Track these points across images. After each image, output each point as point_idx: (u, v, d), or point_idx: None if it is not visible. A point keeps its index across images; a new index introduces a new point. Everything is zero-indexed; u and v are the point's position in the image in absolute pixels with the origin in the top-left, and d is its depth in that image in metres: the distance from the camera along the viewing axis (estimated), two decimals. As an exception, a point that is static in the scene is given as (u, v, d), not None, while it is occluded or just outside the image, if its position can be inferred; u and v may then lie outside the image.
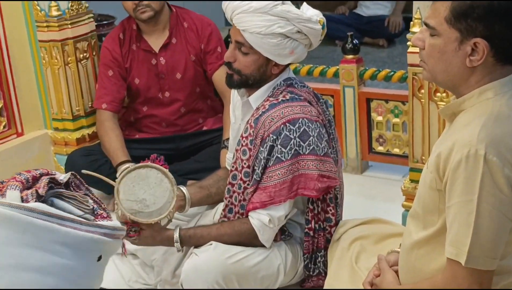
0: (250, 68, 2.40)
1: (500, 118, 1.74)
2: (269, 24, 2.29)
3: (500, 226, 1.71)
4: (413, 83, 2.95)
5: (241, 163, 2.42)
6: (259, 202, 2.35)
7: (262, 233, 2.39)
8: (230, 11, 2.36)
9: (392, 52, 6.34)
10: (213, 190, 2.66)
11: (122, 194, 2.31)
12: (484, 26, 1.72)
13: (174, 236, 2.40)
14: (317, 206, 2.46)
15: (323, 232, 2.49)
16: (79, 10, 3.82)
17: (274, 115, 2.34)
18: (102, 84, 3.58)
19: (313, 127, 2.35)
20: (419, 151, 3.03)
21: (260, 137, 2.35)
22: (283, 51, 2.34)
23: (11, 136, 3.88)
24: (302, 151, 2.34)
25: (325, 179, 2.38)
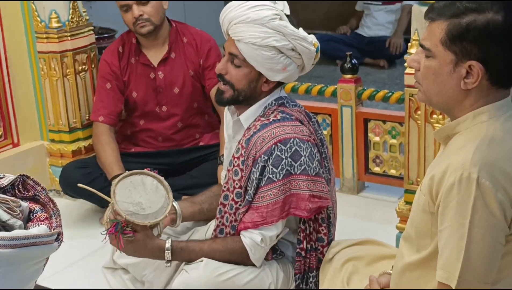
0: (241, 82, 2.39)
1: (494, 141, 1.73)
2: (265, 36, 2.29)
3: (492, 251, 1.70)
4: (409, 104, 2.96)
5: (232, 183, 2.41)
6: (251, 222, 2.34)
7: (253, 252, 2.38)
8: (228, 21, 2.36)
9: (393, 73, 6.36)
10: (205, 206, 2.65)
11: (119, 196, 2.31)
12: (479, 49, 1.71)
13: (166, 245, 2.38)
14: (309, 226, 2.44)
15: (315, 252, 2.47)
16: (80, 22, 3.84)
17: (266, 135, 2.33)
18: (100, 97, 3.58)
19: (305, 147, 2.35)
20: (414, 172, 3.02)
21: (252, 158, 2.34)
22: (275, 66, 2.34)
23: (7, 146, 3.88)
24: (293, 171, 2.33)
25: (316, 199, 2.37)
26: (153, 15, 3.40)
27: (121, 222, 2.31)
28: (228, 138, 2.58)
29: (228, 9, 2.36)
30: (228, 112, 2.57)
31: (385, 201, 3.70)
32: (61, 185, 3.66)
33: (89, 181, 3.41)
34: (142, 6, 3.39)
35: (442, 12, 1.76)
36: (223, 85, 2.42)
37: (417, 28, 2.82)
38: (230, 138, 2.56)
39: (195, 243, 2.44)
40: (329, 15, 7.50)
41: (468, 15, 1.72)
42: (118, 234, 2.32)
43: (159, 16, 3.43)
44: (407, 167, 3.05)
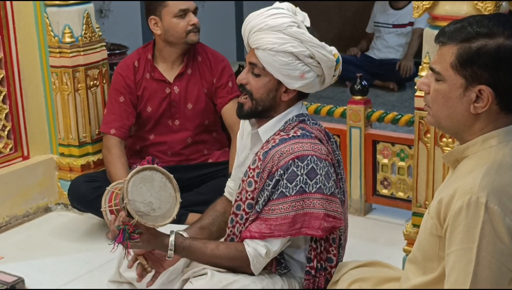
0: (260, 91, 2.40)
1: (503, 167, 1.73)
2: (282, 42, 2.32)
3: (499, 276, 1.70)
4: (419, 127, 2.95)
5: (245, 194, 2.42)
6: (258, 233, 2.34)
7: (255, 263, 2.37)
8: (248, 31, 2.39)
9: (402, 96, 6.36)
10: (214, 228, 2.63)
11: (131, 195, 2.29)
12: (489, 74, 1.72)
13: (169, 243, 2.39)
14: (320, 245, 2.44)
15: (324, 272, 2.47)
16: (92, 38, 3.86)
17: (284, 150, 2.34)
18: (112, 110, 3.60)
19: (322, 166, 2.35)
20: (423, 195, 3.01)
21: (268, 171, 2.35)
22: (293, 72, 2.35)
23: (17, 159, 3.89)
24: (308, 189, 2.33)
25: (330, 219, 2.37)
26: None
27: (127, 228, 2.29)
28: (242, 147, 2.58)
29: (249, 19, 2.40)
30: (247, 121, 2.58)
31: (392, 223, 3.69)
32: (69, 198, 3.67)
33: (97, 195, 3.42)
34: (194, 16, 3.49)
35: (453, 36, 1.77)
36: (243, 97, 2.44)
37: (428, 51, 2.82)
38: (244, 148, 2.57)
39: (199, 244, 2.42)
40: (340, 37, 7.52)
41: (479, 39, 1.73)
42: (126, 243, 2.31)
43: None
44: (415, 190, 3.05)
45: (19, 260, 3.40)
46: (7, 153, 3.85)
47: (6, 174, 3.79)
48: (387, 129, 4.06)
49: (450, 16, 2.65)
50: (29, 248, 3.59)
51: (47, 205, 4.02)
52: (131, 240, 2.30)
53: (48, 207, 4.02)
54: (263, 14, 2.37)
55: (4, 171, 3.80)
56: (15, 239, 3.70)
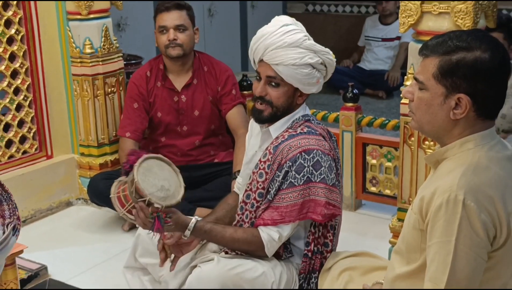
0: (281, 99, 2.43)
1: (479, 168, 1.73)
2: (302, 55, 2.36)
3: (475, 266, 1.70)
4: (404, 131, 2.95)
5: (256, 184, 2.44)
6: (271, 220, 2.37)
7: (269, 246, 2.40)
8: (263, 49, 2.40)
9: (390, 103, 6.34)
10: (226, 220, 2.64)
11: (147, 190, 2.27)
12: (467, 84, 1.72)
13: (190, 224, 2.38)
14: (318, 231, 2.47)
15: (320, 255, 2.49)
16: (110, 49, 3.87)
17: (292, 144, 2.37)
18: (127, 115, 3.60)
19: (325, 159, 2.38)
20: (407, 193, 3.01)
21: (278, 163, 2.37)
22: (312, 80, 2.41)
23: (41, 158, 3.90)
24: (313, 179, 2.36)
25: (331, 207, 2.40)
26: (185, 43, 3.45)
27: (161, 215, 2.28)
28: (251, 146, 2.60)
29: (262, 38, 2.41)
30: (255, 124, 2.59)
31: (380, 218, 3.69)
32: (88, 194, 3.67)
33: (113, 191, 3.44)
34: (178, 33, 3.45)
35: (435, 49, 1.77)
36: (261, 104, 2.45)
37: (412, 63, 2.82)
38: (252, 147, 2.58)
39: (218, 228, 2.44)
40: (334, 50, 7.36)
41: (458, 52, 1.73)
42: (163, 229, 2.30)
43: (189, 46, 3.48)
44: (400, 188, 3.04)
45: (43, 250, 3.40)
46: (32, 153, 3.86)
47: (31, 172, 3.80)
48: (376, 133, 4.05)
49: (433, 31, 2.65)
50: (52, 239, 3.59)
51: (69, 200, 4.02)
52: (166, 224, 2.31)
53: (70, 201, 4.02)
54: (277, 32, 2.38)
55: (30, 169, 3.80)
56: (39, 231, 3.70)
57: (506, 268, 1.76)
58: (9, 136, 3.73)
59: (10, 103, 3.70)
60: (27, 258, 3.15)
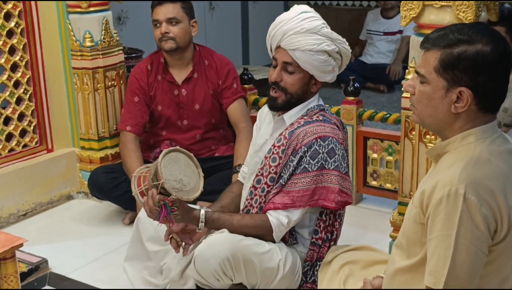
0: (296, 86, 2.46)
1: (480, 161, 1.73)
2: (319, 42, 2.40)
3: (476, 260, 1.69)
4: (405, 125, 2.95)
5: (268, 169, 2.46)
6: (281, 203, 2.40)
7: (277, 231, 2.43)
8: (281, 34, 2.43)
9: (392, 97, 6.34)
10: (232, 207, 2.68)
11: (165, 174, 2.31)
12: (469, 77, 1.72)
13: (200, 216, 2.40)
14: (329, 219, 2.50)
15: (328, 243, 2.51)
16: (111, 42, 3.86)
17: (308, 130, 2.40)
18: (128, 109, 3.60)
19: (340, 148, 2.43)
20: (408, 187, 3.01)
21: (292, 148, 2.40)
22: (327, 68, 2.44)
23: (42, 151, 3.90)
24: (327, 166, 2.39)
25: (344, 194, 2.43)
26: (178, 36, 3.43)
27: (168, 202, 2.30)
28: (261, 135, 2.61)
29: (280, 23, 2.45)
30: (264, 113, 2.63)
31: (381, 212, 3.69)
32: (89, 188, 3.67)
33: (114, 185, 3.44)
34: (170, 26, 3.43)
35: (436, 42, 1.77)
36: (275, 92, 2.48)
37: (414, 56, 2.82)
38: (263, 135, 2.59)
39: (226, 216, 2.48)
40: (335, 43, 7.51)
41: (460, 46, 1.73)
42: (169, 216, 2.32)
43: (184, 39, 3.45)
44: (401, 182, 3.04)
45: (43, 243, 3.41)
46: (33, 146, 3.85)
47: (32, 166, 3.80)
48: (377, 127, 4.05)
49: (434, 24, 2.65)
50: (53, 232, 3.60)
51: (69, 194, 4.02)
52: (172, 213, 2.32)
53: (70, 195, 4.02)
54: (296, 18, 2.42)
55: (30, 163, 3.80)
56: (40, 224, 3.71)
57: (506, 262, 1.76)
58: (9, 130, 3.73)
59: (10, 97, 3.70)
60: (27, 251, 3.16)
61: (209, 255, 2.35)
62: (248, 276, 2.41)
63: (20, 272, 2.65)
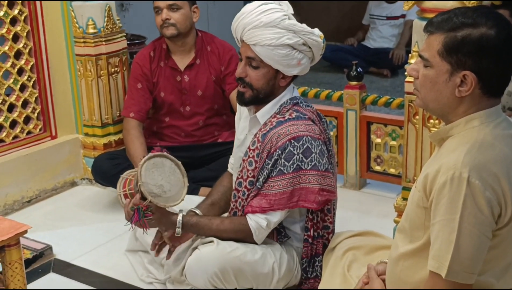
0: (261, 82, 2.37)
1: (484, 145, 1.72)
2: (279, 36, 2.28)
3: (479, 244, 1.68)
4: (409, 109, 2.93)
5: (246, 172, 2.41)
6: (259, 207, 2.34)
7: (257, 234, 2.39)
8: (241, 28, 2.34)
9: (395, 82, 6.32)
10: (222, 203, 2.64)
11: (144, 178, 2.30)
12: (473, 61, 1.70)
13: (177, 221, 2.38)
14: (316, 216, 2.44)
15: (321, 239, 2.47)
16: (113, 29, 3.84)
17: (281, 132, 2.32)
18: (131, 95, 3.59)
19: (316, 145, 2.33)
20: (411, 171, 3.00)
21: (267, 152, 2.33)
22: (291, 62, 2.33)
23: (46, 138, 3.89)
24: (304, 166, 2.31)
25: (325, 192, 2.36)
26: (179, 22, 3.42)
27: (141, 207, 2.30)
28: (241, 129, 2.56)
29: (240, 17, 2.35)
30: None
31: (385, 197, 3.67)
32: (93, 174, 3.67)
33: (117, 171, 3.42)
34: (171, 12, 3.42)
35: (440, 26, 1.75)
36: (243, 87, 2.40)
37: (417, 40, 2.79)
38: (242, 129, 2.55)
39: (205, 220, 2.43)
40: (338, 28, 7.46)
41: (464, 29, 1.71)
42: (142, 221, 2.32)
43: (185, 25, 3.44)
44: (405, 167, 3.03)
45: (48, 230, 3.41)
46: (37, 133, 3.85)
47: (36, 152, 3.80)
48: (380, 112, 4.04)
49: (437, 8, 2.62)
50: (57, 219, 3.60)
51: (73, 180, 4.02)
52: (146, 217, 2.31)
53: (74, 181, 4.03)
54: (255, 11, 2.31)
55: (34, 150, 3.80)
56: (44, 211, 3.71)
57: (510, 247, 1.75)
58: (14, 117, 3.72)
59: (14, 84, 3.69)
60: (31, 238, 3.16)
61: (197, 271, 2.33)
62: (241, 284, 2.39)
63: (25, 259, 2.65)
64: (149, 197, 2.29)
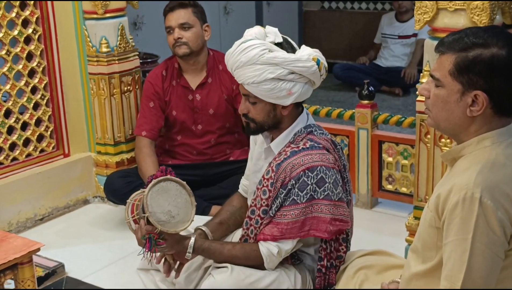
0: (261, 115, 2.35)
1: (496, 165, 1.71)
2: (259, 72, 2.24)
3: (492, 264, 1.68)
4: (420, 129, 2.93)
5: (260, 201, 2.40)
6: (271, 235, 2.33)
7: (268, 261, 2.36)
8: (230, 69, 2.35)
9: (407, 101, 6.32)
10: (230, 222, 2.62)
11: (151, 207, 2.28)
12: (484, 81, 1.70)
13: (189, 246, 2.38)
14: (330, 246, 2.41)
15: (334, 269, 2.45)
16: (126, 48, 3.88)
17: (295, 162, 2.30)
18: (143, 114, 3.61)
19: (330, 174, 2.31)
20: (423, 191, 2.99)
21: (281, 181, 2.31)
22: (280, 94, 2.28)
23: (59, 156, 3.92)
24: (316, 196, 2.29)
25: (337, 222, 2.34)
26: (191, 41, 3.44)
27: (152, 236, 2.29)
28: (258, 154, 2.56)
29: (227, 57, 2.34)
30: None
31: (396, 216, 3.67)
32: (105, 192, 3.68)
33: (130, 189, 3.43)
34: (183, 31, 3.44)
35: (451, 46, 1.75)
36: (246, 120, 2.42)
37: (428, 60, 2.80)
38: (260, 155, 2.54)
39: (217, 245, 2.42)
40: (350, 47, 7.50)
41: (475, 49, 1.71)
42: (153, 250, 2.32)
43: (197, 43, 3.46)
44: (416, 186, 3.02)
45: (60, 247, 3.43)
46: (50, 151, 3.88)
47: (49, 170, 3.82)
48: (392, 130, 4.04)
49: (449, 28, 2.63)
50: (69, 236, 3.61)
51: (86, 198, 4.04)
52: (158, 246, 2.31)
53: (86, 199, 4.04)
54: (235, 52, 2.29)
55: (47, 167, 3.83)
56: (56, 228, 3.73)
57: (523, 267, 1.74)
58: (27, 135, 3.75)
59: (28, 102, 3.73)
60: (44, 255, 3.17)
61: None
62: None
63: (37, 277, 2.66)
64: (158, 227, 2.27)
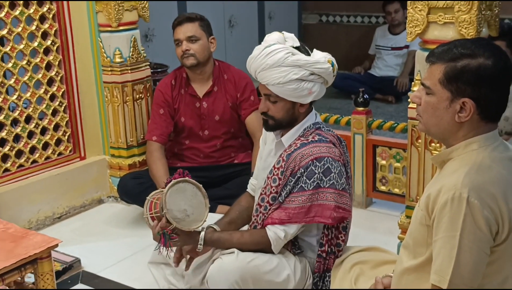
0: (281, 113, 2.41)
1: (482, 167, 1.72)
2: (285, 74, 2.31)
3: (478, 259, 1.68)
4: (411, 134, 2.94)
5: (270, 189, 2.43)
6: (278, 219, 2.37)
7: (275, 244, 2.40)
8: (253, 71, 2.39)
9: (399, 108, 6.31)
10: (239, 221, 2.65)
11: (168, 205, 2.32)
12: (472, 89, 1.71)
13: (200, 238, 2.41)
14: (331, 233, 2.45)
15: (333, 255, 2.47)
16: (138, 58, 3.88)
17: (305, 152, 2.35)
18: (154, 120, 3.61)
19: (336, 165, 2.35)
20: (414, 191, 2.99)
21: (291, 170, 2.36)
22: (302, 93, 2.35)
23: (75, 159, 3.93)
24: (322, 184, 2.33)
25: (340, 210, 2.37)
26: (198, 52, 3.45)
27: (167, 232, 2.33)
28: (268, 151, 2.58)
29: (250, 60, 2.40)
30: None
31: (389, 215, 3.67)
32: (118, 192, 3.69)
33: (141, 190, 3.45)
34: (190, 43, 3.44)
35: (441, 56, 1.76)
36: (266, 118, 2.45)
37: (419, 69, 2.80)
38: (269, 152, 2.56)
39: (226, 235, 2.46)
40: (346, 57, 7.48)
41: (463, 59, 1.72)
42: (168, 245, 2.35)
43: (203, 55, 3.47)
44: (408, 187, 3.03)
45: (76, 244, 3.43)
46: (67, 154, 3.89)
47: (66, 172, 3.83)
48: (385, 135, 4.03)
49: (439, 40, 2.64)
50: (85, 234, 3.62)
51: (100, 198, 4.04)
52: (171, 240, 2.34)
53: (101, 199, 4.05)
54: (260, 55, 2.35)
55: (64, 169, 3.84)
56: (73, 226, 3.73)
57: (507, 262, 1.74)
58: (46, 139, 3.76)
59: (47, 109, 3.74)
60: (62, 251, 3.18)
61: (219, 279, 2.34)
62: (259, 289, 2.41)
63: (55, 271, 2.67)
64: (174, 223, 2.31)
